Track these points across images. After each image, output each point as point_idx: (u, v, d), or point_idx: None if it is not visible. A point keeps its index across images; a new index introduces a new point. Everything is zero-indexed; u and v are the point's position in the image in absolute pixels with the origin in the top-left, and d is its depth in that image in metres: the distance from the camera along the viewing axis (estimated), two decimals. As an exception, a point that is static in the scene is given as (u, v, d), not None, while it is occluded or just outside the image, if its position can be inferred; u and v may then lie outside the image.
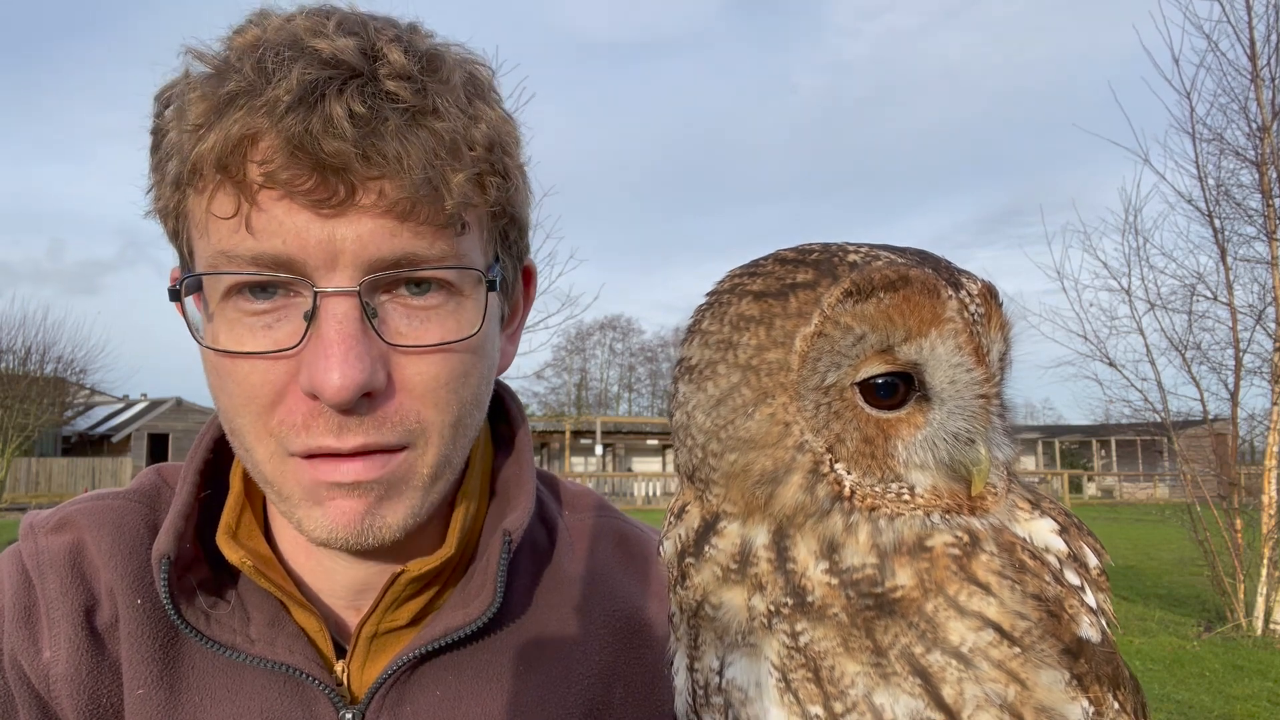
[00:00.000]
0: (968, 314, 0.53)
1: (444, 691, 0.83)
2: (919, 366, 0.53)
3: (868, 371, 0.53)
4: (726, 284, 0.57)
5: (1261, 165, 9.70)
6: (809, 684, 0.51)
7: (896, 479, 0.53)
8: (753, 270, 0.56)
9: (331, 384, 0.69)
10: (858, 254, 0.54)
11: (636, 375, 71.30)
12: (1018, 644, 0.49)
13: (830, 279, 0.52)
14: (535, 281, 0.95)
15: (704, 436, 0.53)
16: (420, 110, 0.71)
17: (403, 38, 0.75)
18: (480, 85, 0.78)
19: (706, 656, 0.56)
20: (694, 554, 0.55)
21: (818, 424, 0.52)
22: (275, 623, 0.83)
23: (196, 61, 0.73)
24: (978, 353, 0.54)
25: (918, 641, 0.50)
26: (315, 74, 0.69)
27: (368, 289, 0.72)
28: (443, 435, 0.78)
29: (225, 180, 0.70)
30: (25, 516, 0.92)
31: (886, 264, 0.52)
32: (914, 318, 0.52)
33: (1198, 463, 10.84)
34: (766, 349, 0.52)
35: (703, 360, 0.54)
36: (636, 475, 35.40)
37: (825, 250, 0.55)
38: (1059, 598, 0.52)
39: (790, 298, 0.52)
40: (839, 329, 0.52)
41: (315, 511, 0.76)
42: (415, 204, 0.70)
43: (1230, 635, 9.44)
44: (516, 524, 0.85)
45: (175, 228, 0.78)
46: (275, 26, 0.73)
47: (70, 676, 0.80)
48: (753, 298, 0.53)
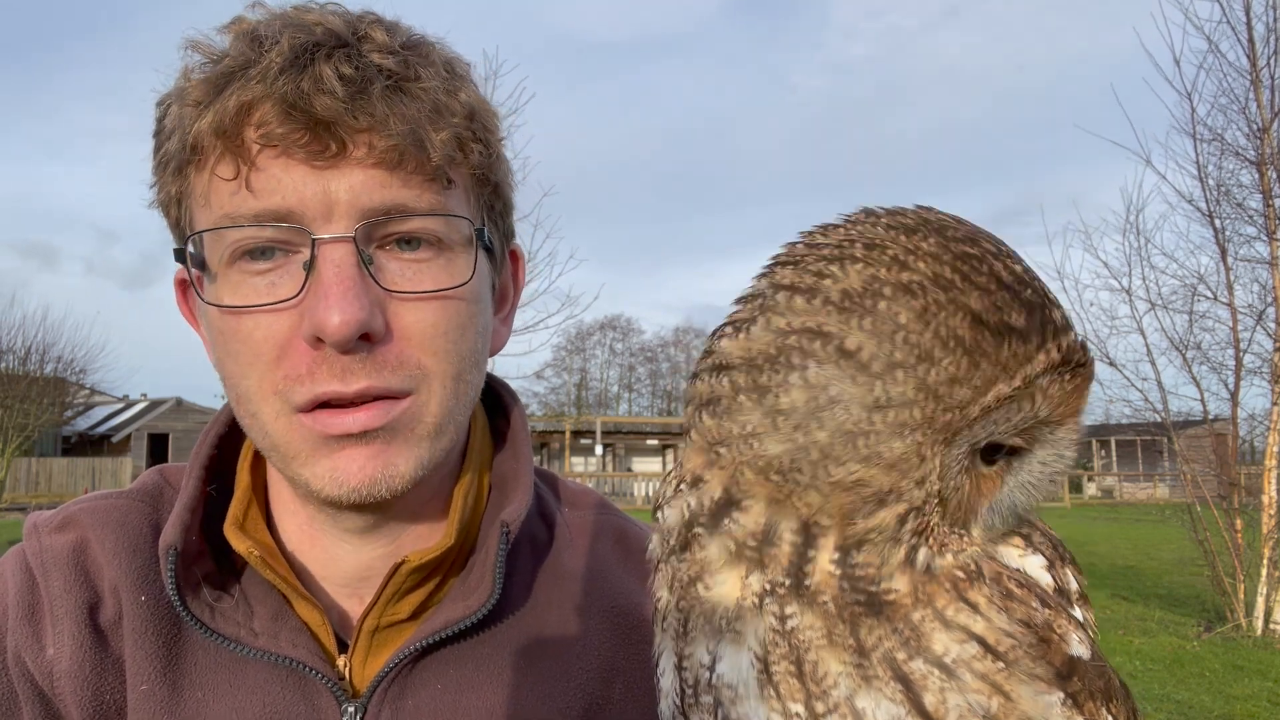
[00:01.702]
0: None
1: (445, 685, 0.83)
2: (1036, 442, 0.52)
3: (1004, 437, 0.51)
4: (926, 265, 0.47)
5: (1261, 165, 9.71)
6: (791, 678, 0.50)
7: (963, 527, 0.52)
8: (965, 266, 0.48)
9: (332, 322, 0.72)
10: (1059, 308, 0.50)
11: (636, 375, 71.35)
12: (1002, 659, 0.49)
13: (1040, 339, 0.47)
14: (523, 266, 0.98)
15: (832, 435, 0.46)
16: (404, 77, 0.76)
17: (384, 23, 0.80)
18: (458, 70, 0.83)
19: (697, 649, 0.54)
20: (707, 525, 0.52)
21: (947, 472, 0.49)
22: (279, 616, 0.83)
23: (195, 54, 0.77)
24: (1078, 441, 0.53)
25: (900, 648, 0.49)
26: (305, 39, 0.74)
27: (363, 238, 0.75)
28: (444, 385, 0.79)
29: (225, 149, 0.74)
30: (29, 516, 0.92)
31: (1082, 343, 0.49)
32: (1072, 406, 0.50)
33: (1198, 463, 10.85)
34: (958, 384, 0.46)
35: (871, 352, 0.46)
36: (636, 475, 35.42)
37: (1035, 289, 0.49)
38: (1048, 621, 0.51)
39: (1004, 344, 0.46)
40: (1027, 398, 0.48)
41: (324, 464, 0.77)
42: (402, 155, 0.74)
43: (1230, 635, 9.44)
44: (514, 515, 0.86)
45: (177, 215, 0.81)
46: (267, 13, 0.78)
47: (74, 673, 0.81)
48: (969, 319, 0.46)
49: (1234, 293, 10.18)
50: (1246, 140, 9.87)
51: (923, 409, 0.46)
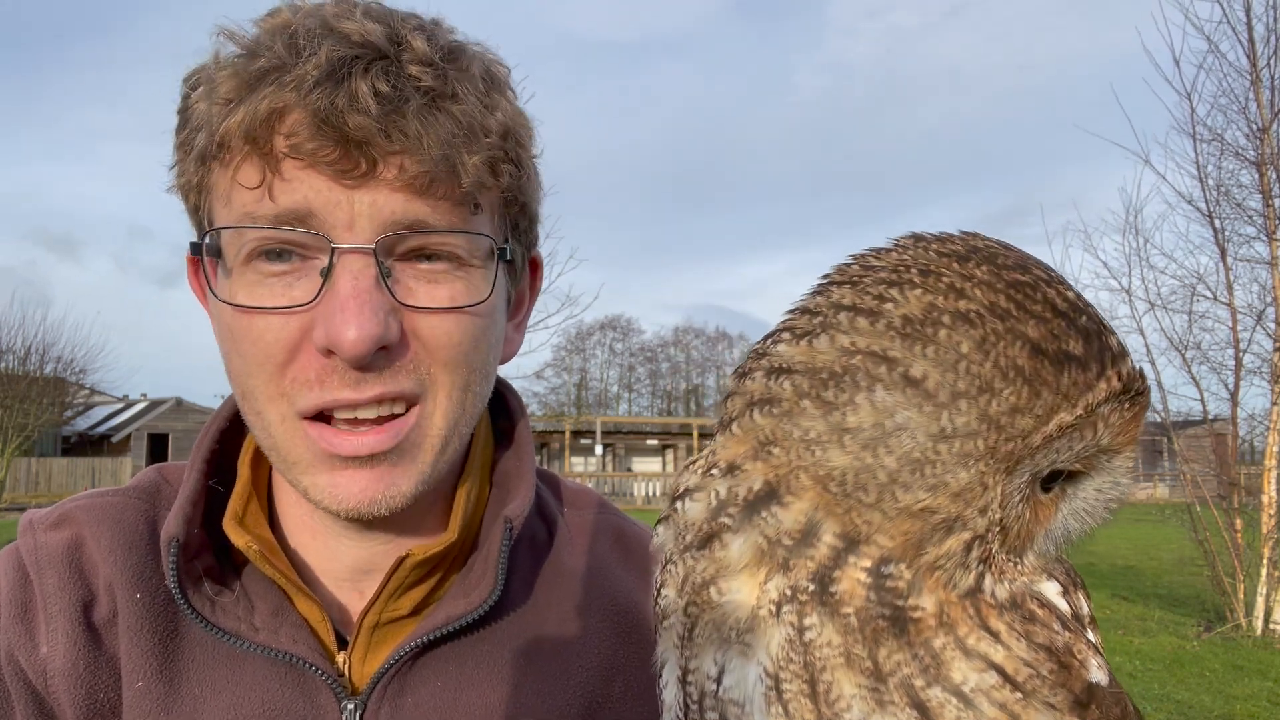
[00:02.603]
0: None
1: (445, 682, 0.83)
2: (1094, 469, 0.52)
3: (1064, 464, 0.51)
4: (981, 293, 0.48)
5: (1261, 165, 9.71)
6: (803, 698, 0.48)
7: (1019, 555, 0.52)
8: (1019, 295, 0.48)
9: (348, 338, 0.71)
10: (1115, 335, 0.50)
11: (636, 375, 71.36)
12: (1020, 689, 0.48)
13: (1100, 367, 0.47)
14: (542, 273, 0.97)
15: (900, 461, 0.46)
16: (440, 94, 0.74)
17: (425, 28, 0.78)
18: (497, 79, 0.81)
19: (704, 659, 0.53)
20: (737, 515, 0.50)
21: (1009, 500, 0.49)
22: (279, 612, 0.83)
23: (228, 42, 0.76)
24: (1134, 469, 0.53)
25: (919, 674, 0.48)
26: (343, 52, 0.72)
27: (383, 250, 0.75)
28: (451, 396, 0.79)
29: (252, 152, 0.73)
30: (25, 514, 0.92)
31: (1140, 370, 0.49)
32: (1131, 433, 0.50)
33: (1198, 463, 10.86)
34: (1020, 413, 0.46)
35: (936, 382, 0.46)
36: (636, 475, 35.44)
37: (1090, 316, 0.49)
38: (1068, 645, 0.50)
39: (1064, 372, 0.47)
40: (1089, 426, 0.48)
41: (324, 479, 0.77)
42: (433, 180, 0.73)
43: (1230, 635, 9.44)
44: (517, 512, 0.86)
45: (196, 202, 0.80)
46: (305, 12, 0.76)
47: (67, 672, 0.81)
48: (1028, 348, 0.46)
49: (1233, 293, 10.20)
50: (1246, 140, 9.90)
51: (985, 439, 0.46)
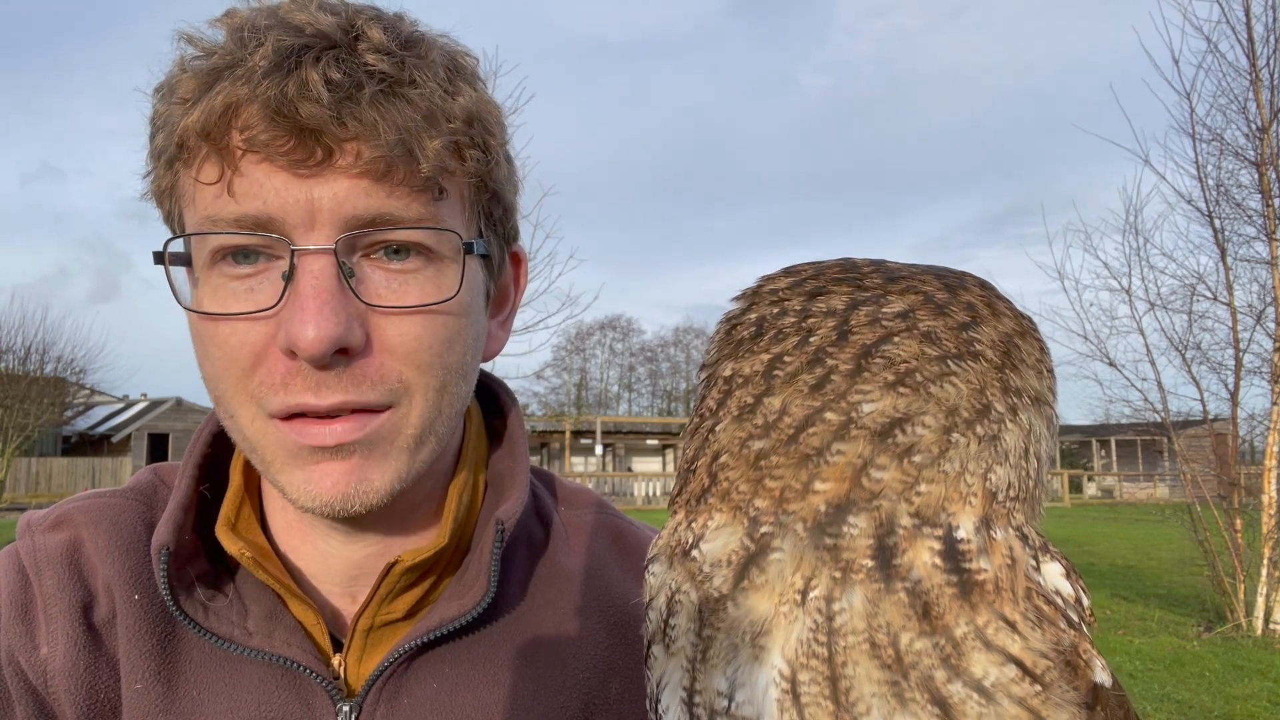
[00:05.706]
0: None
1: (440, 684, 0.83)
2: None
3: None
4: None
5: (1261, 165, 9.70)
6: (825, 699, 0.47)
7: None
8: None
9: (306, 337, 0.70)
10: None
11: (636, 375, 71.35)
12: (1039, 681, 0.47)
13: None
14: (525, 267, 0.95)
15: (1042, 461, 0.57)
16: (398, 81, 0.73)
17: (383, 19, 0.76)
18: (462, 68, 0.79)
19: (714, 678, 0.51)
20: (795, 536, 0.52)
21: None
22: (273, 616, 0.83)
23: (187, 45, 0.75)
24: None
25: (940, 666, 0.47)
26: (291, 41, 0.71)
27: (344, 248, 0.73)
28: (426, 397, 0.77)
29: (210, 150, 0.72)
30: (22, 516, 0.92)
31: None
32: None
33: (1198, 463, 10.85)
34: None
35: (1046, 391, 0.58)
36: (636, 475, 35.42)
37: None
38: (1074, 644, 0.50)
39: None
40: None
41: (298, 475, 0.76)
42: (391, 165, 0.72)
43: (1230, 635, 9.44)
44: (509, 513, 0.85)
45: (170, 208, 0.79)
46: (262, 10, 0.75)
47: (67, 672, 0.81)
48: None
49: (1233, 293, 10.18)
50: (1246, 140, 9.88)
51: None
